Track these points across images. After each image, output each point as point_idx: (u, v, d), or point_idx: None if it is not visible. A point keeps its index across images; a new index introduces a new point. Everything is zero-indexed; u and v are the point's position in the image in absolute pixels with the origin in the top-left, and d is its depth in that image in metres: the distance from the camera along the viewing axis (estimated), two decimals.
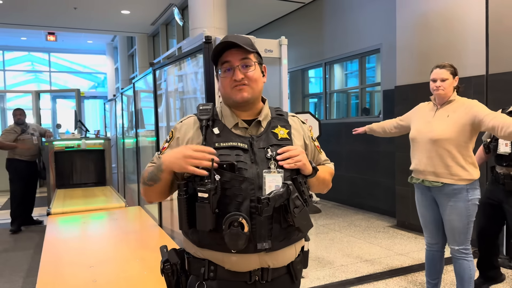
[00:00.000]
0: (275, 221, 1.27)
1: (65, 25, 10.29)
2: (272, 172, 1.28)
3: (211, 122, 1.35)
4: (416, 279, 3.61)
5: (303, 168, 1.31)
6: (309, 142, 1.49)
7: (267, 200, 1.22)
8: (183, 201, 1.27)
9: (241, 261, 1.28)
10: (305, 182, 1.33)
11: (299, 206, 1.26)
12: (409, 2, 5.05)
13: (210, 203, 1.20)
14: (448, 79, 2.64)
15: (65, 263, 2.53)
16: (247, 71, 1.33)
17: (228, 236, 1.20)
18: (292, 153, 1.30)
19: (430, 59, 4.76)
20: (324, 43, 7.34)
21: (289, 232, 1.31)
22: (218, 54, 1.35)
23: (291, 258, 1.37)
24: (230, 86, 1.33)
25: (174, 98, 4.49)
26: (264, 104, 1.44)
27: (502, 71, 4.08)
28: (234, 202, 1.26)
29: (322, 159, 1.58)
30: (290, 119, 1.46)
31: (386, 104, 5.91)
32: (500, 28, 4.09)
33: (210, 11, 6.10)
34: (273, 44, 3.56)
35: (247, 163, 1.28)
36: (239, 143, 1.31)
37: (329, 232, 5.21)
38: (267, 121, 1.40)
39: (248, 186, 1.26)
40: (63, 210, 4.08)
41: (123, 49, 13.84)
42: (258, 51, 1.40)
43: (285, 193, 1.24)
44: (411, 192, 4.92)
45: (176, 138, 1.41)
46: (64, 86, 15.67)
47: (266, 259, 1.30)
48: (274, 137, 1.36)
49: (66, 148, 6.08)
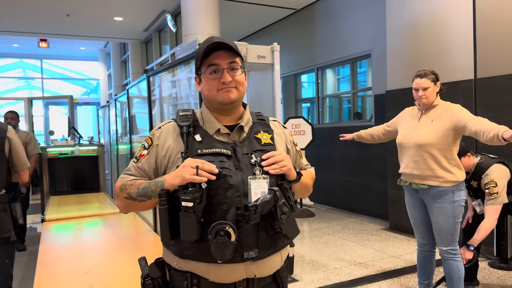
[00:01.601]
0: (261, 228, 1.24)
1: (58, 31, 10.28)
2: (257, 178, 1.24)
3: (192, 128, 1.31)
4: (409, 281, 3.65)
5: (289, 173, 1.29)
6: (290, 147, 1.47)
7: (255, 207, 1.18)
8: (164, 211, 1.20)
9: (226, 272, 1.25)
10: (291, 187, 1.30)
11: (286, 212, 1.23)
12: (399, 8, 5.13)
13: (196, 212, 1.16)
14: (429, 87, 2.70)
15: (61, 269, 2.54)
16: (235, 75, 1.31)
17: (215, 246, 1.16)
18: (277, 158, 1.27)
19: (419, 64, 4.84)
20: (316, 48, 7.42)
21: (276, 239, 1.29)
22: (205, 55, 1.31)
23: (278, 266, 1.34)
24: (217, 88, 1.30)
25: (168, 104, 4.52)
26: (245, 109, 1.41)
27: (489, 76, 4.16)
28: (220, 210, 1.22)
29: (304, 164, 1.55)
30: (272, 124, 1.44)
31: (378, 109, 5.99)
32: (487, 33, 4.18)
33: (203, 17, 6.14)
34: (266, 50, 3.61)
35: (231, 170, 1.25)
36: (222, 149, 1.28)
37: (323, 235, 5.25)
38: (249, 126, 1.38)
39: (233, 193, 1.23)
40: (57, 216, 4.08)
41: (115, 55, 13.84)
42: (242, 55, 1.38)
43: (272, 199, 1.21)
44: (403, 195, 4.96)
45: (155, 145, 1.35)
46: (57, 93, 15.61)
47: (253, 268, 1.27)
48: (258, 142, 1.33)
49: (60, 154, 6.07)
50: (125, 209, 1.38)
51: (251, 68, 3.84)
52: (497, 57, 4.10)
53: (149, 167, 1.36)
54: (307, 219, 6.21)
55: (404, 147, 2.82)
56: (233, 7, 7.57)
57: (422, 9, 4.81)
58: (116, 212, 4.35)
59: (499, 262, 3.90)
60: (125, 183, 1.34)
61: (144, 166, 1.36)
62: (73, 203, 5.07)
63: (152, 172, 1.36)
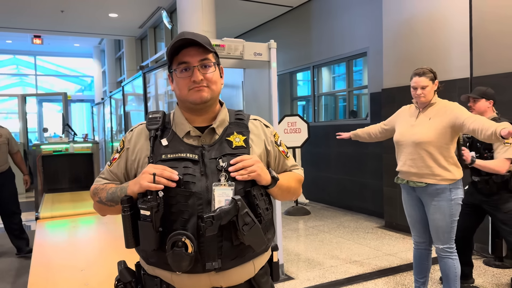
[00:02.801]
0: (225, 238, 1.17)
1: (52, 28, 10.19)
2: (222, 185, 1.17)
3: (160, 132, 1.26)
4: (405, 279, 3.66)
5: (258, 179, 1.21)
6: (271, 147, 1.36)
7: (211, 219, 1.11)
8: (127, 218, 1.16)
9: (189, 282, 1.20)
10: (262, 194, 1.23)
11: (249, 223, 1.15)
12: (395, 6, 5.13)
13: (153, 222, 1.11)
14: (428, 86, 2.70)
15: (56, 267, 2.52)
16: (206, 72, 1.24)
17: (171, 257, 1.12)
18: (245, 163, 1.19)
19: (416, 62, 4.84)
20: (312, 46, 7.41)
21: (242, 249, 1.20)
22: (175, 52, 1.25)
23: (249, 275, 1.26)
24: (188, 88, 1.23)
25: (163, 101, 4.50)
26: (221, 107, 1.33)
27: (485, 74, 4.18)
28: (180, 219, 1.16)
29: (289, 165, 1.43)
30: (251, 124, 1.34)
31: (373, 107, 5.99)
32: (483, 32, 4.19)
33: (199, 14, 6.11)
34: (262, 47, 3.59)
35: (196, 176, 1.19)
36: (189, 153, 1.22)
37: (319, 233, 5.25)
38: (224, 127, 1.29)
39: (195, 201, 1.16)
40: (51, 214, 4.04)
41: (110, 52, 13.75)
42: (216, 51, 1.30)
43: (233, 209, 1.13)
44: (398, 193, 4.99)
45: (126, 149, 1.33)
46: (51, 90, 15.51)
47: (217, 279, 1.20)
48: (228, 145, 1.25)
49: (54, 152, 6.02)
50: (100, 212, 1.36)
51: (247, 65, 3.82)
52: (493, 56, 4.11)
53: (120, 171, 1.34)
54: (303, 217, 6.22)
55: (401, 145, 2.82)
56: (229, 4, 7.54)
57: (419, 7, 4.82)
58: None
59: (494, 260, 3.92)
60: (97, 187, 1.33)
61: (115, 170, 1.34)
62: (67, 200, 5.03)
63: (122, 176, 1.34)
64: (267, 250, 1.32)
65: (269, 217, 1.25)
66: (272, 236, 1.34)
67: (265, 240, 1.21)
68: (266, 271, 1.33)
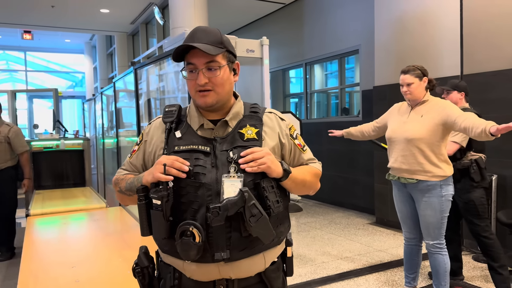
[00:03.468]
0: (234, 229, 1.18)
1: (42, 23, 10.09)
2: (231, 176, 1.18)
3: (175, 124, 1.30)
4: (395, 274, 3.70)
5: (268, 171, 1.20)
6: (286, 140, 1.35)
7: (217, 209, 1.12)
8: (143, 206, 1.20)
9: (200, 271, 1.22)
10: (273, 186, 1.22)
11: (256, 214, 1.15)
12: (387, 4, 5.16)
13: (163, 211, 1.15)
14: (413, 83, 2.73)
15: (46, 264, 2.51)
16: (212, 76, 1.23)
17: (180, 246, 1.15)
18: (256, 155, 1.19)
19: (407, 60, 4.87)
20: (305, 43, 7.42)
21: (252, 241, 1.21)
22: (185, 51, 1.25)
23: (259, 268, 1.27)
24: (195, 89, 1.25)
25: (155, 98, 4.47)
26: (236, 100, 1.34)
27: (475, 72, 4.22)
28: (190, 210, 1.19)
29: (305, 159, 1.42)
30: (266, 116, 1.34)
31: (365, 104, 6.02)
32: (474, 31, 4.23)
33: (191, 10, 6.09)
34: (255, 44, 3.59)
35: (207, 168, 1.21)
36: (201, 145, 1.24)
37: (310, 230, 5.28)
38: (237, 120, 1.30)
39: (204, 192, 1.18)
40: (42, 211, 4.02)
41: (101, 48, 13.66)
42: (229, 47, 1.29)
43: (240, 200, 1.14)
44: (389, 190, 5.02)
45: (144, 141, 1.38)
46: (41, 86, 15.36)
47: (227, 269, 1.21)
48: (240, 138, 1.26)
49: (45, 148, 5.97)
50: (122, 201, 1.42)
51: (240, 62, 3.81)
52: (483, 54, 4.15)
53: (138, 162, 1.40)
54: (295, 213, 6.24)
55: (393, 141, 2.84)
56: (222, 1, 7.52)
57: (410, 5, 4.84)
58: (102, 207, 4.30)
59: (483, 255, 3.96)
60: (118, 177, 1.40)
61: (135, 162, 1.40)
62: (58, 197, 5.00)
63: (141, 168, 1.40)
64: (279, 243, 1.32)
65: (280, 210, 1.24)
66: (286, 230, 1.34)
67: (273, 232, 1.21)
68: (279, 266, 1.33)
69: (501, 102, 3.97)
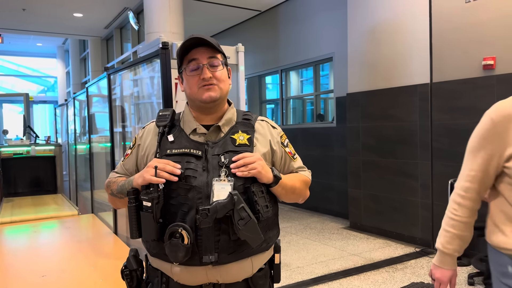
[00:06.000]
0: (223, 232, 1.20)
1: (13, 26, 9.83)
2: (221, 180, 1.20)
3: (168, 128, 1.32)
4: (368, 278, 3.76)
5: (259, 176, 1.22)
6: (277, 148, 1.38)
7: (207, 211, 1.14)
8: (133, 209, 1.22)
9: (188, 274, 1.23)
10: (263, 191, 1.24)
11: (245, 218, 1.16)
12: (360, 13, 5.28)
13: (153, 212, 1.17)
14: None
15: (15, 273, 2.44)
16: (215, 71, 1.29)
17: (168, 248, 1.16)
18: (247, 160, 1.21)
19: (379, 68, 5.00)
20: (280, 50, 7.50)
21: (240, 244, 1.22)
22: (185, 52, 1.30)
23: (247, 273, 1.28)
24: (198, 86, 1.28)
25: (129, 103, 4.43)
26: (229, 107, 1.38)
27: (444, 80, 4.36)
28: (180, 212, 1.21)
29: (296, 167, 1.44)
30: (258, 124, 1.38)
31: (339, 111, 6.12)
32: (443, 40, 4.38)
33: (166, 15, 6.07)
34: (230, 50, 3.61)
35: (198, 171, 1.23)
36: (193, 149, 1.26)
37: (286, 235, 5.31)
38: (230, 126, 1.33)
39: (195, 195, 1.20)
40: (11, 219, 3.91)
41: (75, 53, 13.40)
42: (224, 52, 1.35)
43: (229, 203, 1.15)
44: (362, 194, 5.12)
45: (137, 145, 1.40)
46: (11, 90, 14.93)
47: (214, 273, 1.22)
48: (232, 143, 1.28)
49: (14, 155, 5.81)
50: (113, 204, 1.45)
51: None
52: (451, 62, 4.30)
53: (131, 166, 1.42)
54: None
55: None
56: (197, 7, 7.53)
57: (382, 15, 4.97)
58: (74, 214, 4.22)
59: None
60: (110, 180, 1.42)
61: (127, 165, 1.43)
62: (28, 205, 4.87)
63: (134, 171, 1.42)
64: (267, 249, 1.34)
65: (269, 215, 1.25)
66: (275, 236, 1.37)
67: (261, 237, 1.21)
68: (266, 274, 1.34)
69: (469, 109, 4.12)
